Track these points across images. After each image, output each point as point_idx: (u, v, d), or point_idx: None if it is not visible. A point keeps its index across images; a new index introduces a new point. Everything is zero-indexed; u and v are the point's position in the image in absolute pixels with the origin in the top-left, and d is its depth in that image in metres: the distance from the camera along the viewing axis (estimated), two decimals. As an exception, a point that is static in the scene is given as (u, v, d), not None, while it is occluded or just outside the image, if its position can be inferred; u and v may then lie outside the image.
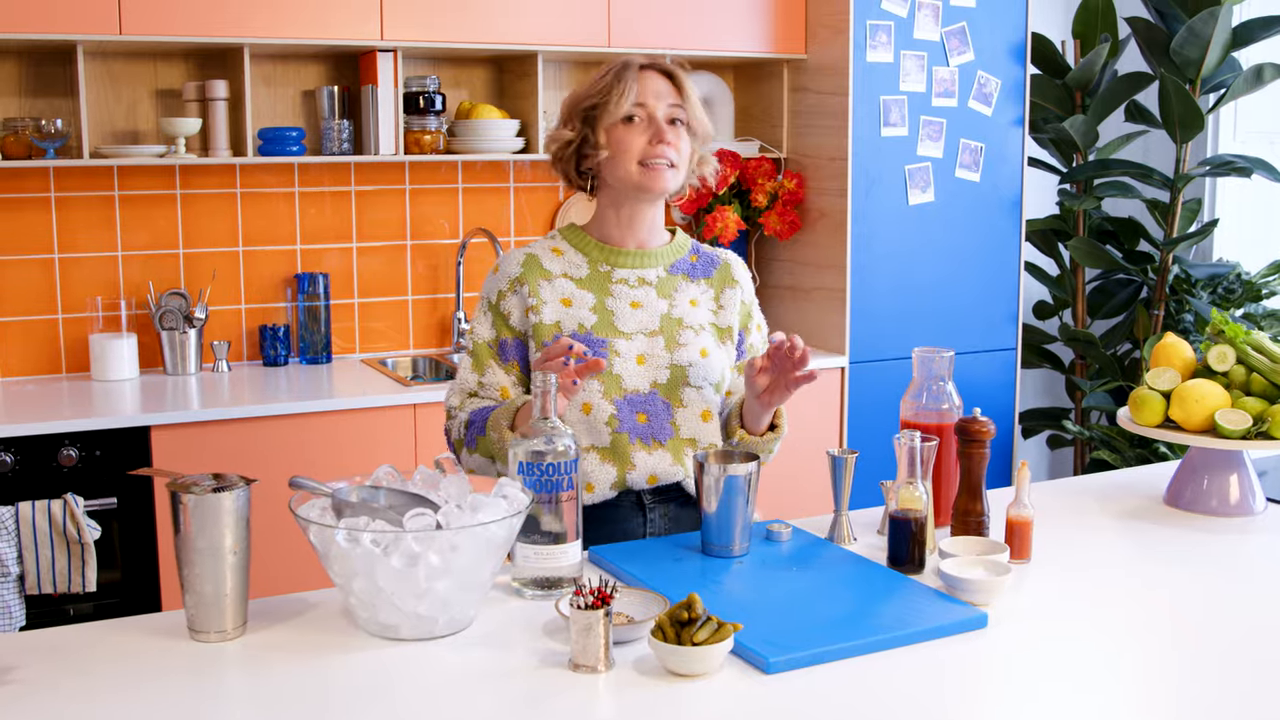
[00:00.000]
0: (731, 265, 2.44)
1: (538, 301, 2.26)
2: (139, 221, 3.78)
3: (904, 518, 2.01)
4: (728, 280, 2.41)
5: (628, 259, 2.33)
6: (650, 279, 2.33)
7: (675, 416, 2.27)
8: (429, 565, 1.66)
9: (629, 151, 2.25)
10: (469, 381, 2.30)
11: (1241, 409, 2.30)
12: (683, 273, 2.37)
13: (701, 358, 2.29)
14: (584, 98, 2.30)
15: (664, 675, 1.63)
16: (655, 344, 2.27)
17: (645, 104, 2.25)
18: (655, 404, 2.26)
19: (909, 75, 4.09)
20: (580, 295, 2.28)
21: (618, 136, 2.26)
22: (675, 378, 2.27)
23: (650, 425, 2.25)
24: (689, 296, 2.35)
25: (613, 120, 2.26)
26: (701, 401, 2.30)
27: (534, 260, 2.31)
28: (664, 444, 2.26)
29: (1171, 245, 4.51)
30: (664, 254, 2.36)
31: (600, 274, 2.31)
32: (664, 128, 2.25)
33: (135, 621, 1.81)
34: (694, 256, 2.41)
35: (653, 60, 2.31)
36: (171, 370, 3.75)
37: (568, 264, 2.32)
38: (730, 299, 2.39)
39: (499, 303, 2.30)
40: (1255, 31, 4.36)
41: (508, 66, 4.12)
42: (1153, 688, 1.64)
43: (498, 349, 2.29)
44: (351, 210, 4.04)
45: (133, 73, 3.71)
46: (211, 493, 1.70)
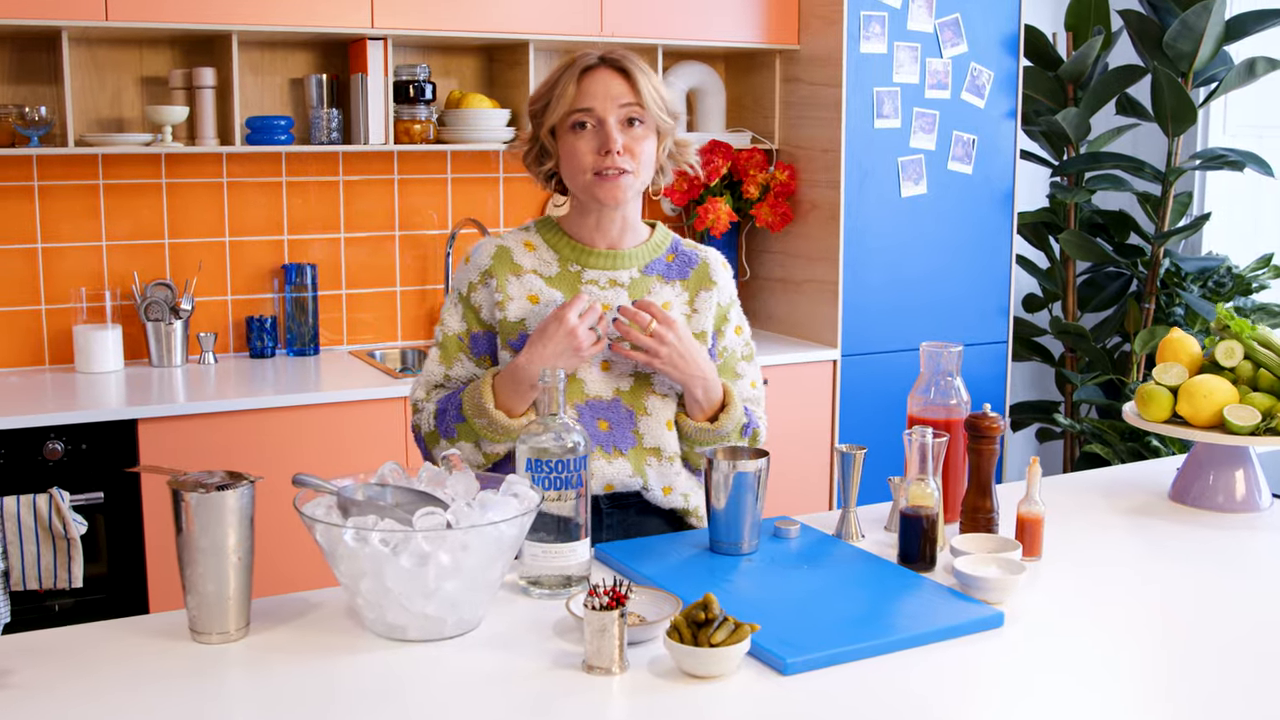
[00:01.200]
0: (710, 265, 2.32)
1: (504, 297, 2.19)
2: (124, 211, 3.73)
3: (915, 515, 1.98)
4: (704, 282, 2.30)
5: (599, 259, 2.24)
6: (622, 280, 2.24)
7: (638, 425, 2.20)
8: (439, 565, 1.62)
9: (578, 162, 2.15)
10: (435, 374, 2.23)
11: (1249, 404, 2.28)
12: (658, 274, 2.27)
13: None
14: (533, 99, 2.21)
15: (679, 677, 1.60)
16: (622, 348, 2.16)
17: (592, 108, 2.13)
18: (618, 411, 2.19)
19: (902, 67, 4.06)
20: (548, 293, 2.20)
21: (567, 144, 2.16)
22: (640, 385, 2.21)
23: (612, 433, 2.18)
24: (662, 299, 2.25)
25: (556, 125, 2.16)
26: (666, 410, 2.22)
27: (505, 253, 2.22)
28: (624, 453, 2.19)
29: (1163, 239, 4.50)
30: (638, 254, 2.26)
31: (570, 273, 2.22)
32: (613, 135, 2.12)
33: (135, 622, 1.77)
34: (671, 256, 2.30)
35: (605, 56, 2.17)
36: (157, 362, 3.70)
37: (538, 260, 2.23)
38: (705, 302, 2.28)
39: (469, 294, 2.22)
40: (1248, 25, 4.35)
41: (498, 55, 4.08)
42: (1174, 686, 1.62)
43: (469, 342, 2.22)
44: (339, 200, 3.99)
45: (118, 60, 3.65)
46: (215, 490, 1.65)
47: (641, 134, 2.16)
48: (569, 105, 2.13)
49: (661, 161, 2.24)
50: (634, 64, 2.16)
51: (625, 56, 2.16)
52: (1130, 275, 4.80)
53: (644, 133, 2.17)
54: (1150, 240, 4.61)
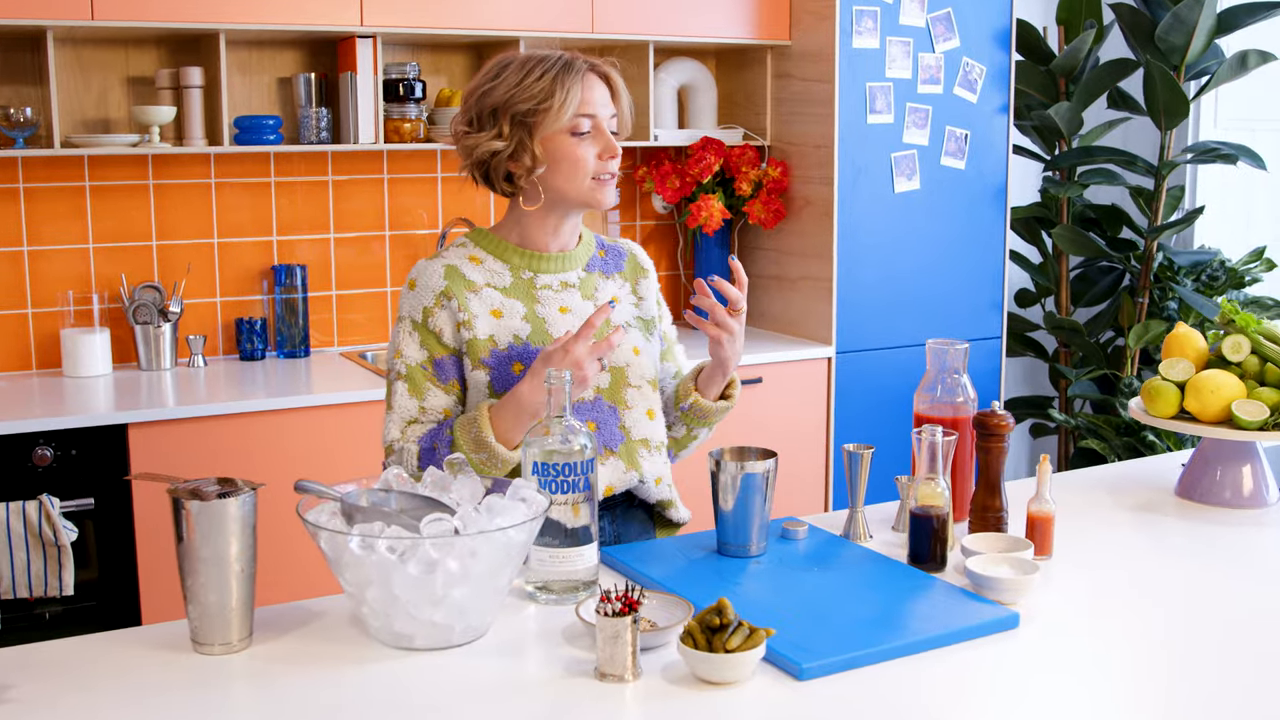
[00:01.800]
0: (637, 255, 2.35)
1: (469, 315, 2.11)
2: (111, 212, 3.68)
3: (925, 515, 1.96)
4: (639, 270, 2.32)
5: (549, 263, 2.20)
6: (572, 281, 2.21)
7: (623, 420, 2.17)
8: (447, 572, 1.59)
9: (579, 166, 2.10)
10: (408, 409, 2.11)
11: (1258, 399, 2.26)
12: (598, 270, 2.26)
13: (635, 355, 2.20)
14: (515, 100, 2.08)
15: (694, 683, 1.57)
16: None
17: (596, 114, 2.10)
18: (602, 410, 2.15)
19: (895, 62, 4.04)
20: (509, 305, 2.14)
21: (564, 149, 2.09)
22: (617, 380, 2.17)
23: (601, 434, 2.14)
24: (609, 294, 2.24)
25: (555, 130, 2.09)
26: (644, 401, 2.20)
27: (455, 271, 2.14)
28: (615, 451, 2.15)
29: (1157, 232, 4.49)
30: (580, 254, 2.25)
31: (523, 281, 2.17)
32: (613, 141, 2.12)
33: (136, 634, 1.73)
34: (601, 252, 2.30)
35: (591, 63, 2.14)
36: (146, 366, 3.65)
37: (489, 273, 2.16)
38: (646, 289, 2.32)
39: (426, 320, 2.12)
40: (1240, 17, 4.33)
41: (488, 53, 4.04)
42: (1196, 684, 1.59)
43: (434, 369, 2.12)
44: (329, 200, 3.95)
45: (103, 59, 3.61)
46: (217, 499, 1.62)
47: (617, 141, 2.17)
48: (576, 109, 2.08)
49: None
50: (615, 73, 2.17)
51: (607, 64, 2.16)
52: (1123, 269, 4.79)
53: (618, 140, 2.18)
54: (1143, 234, 4.60)
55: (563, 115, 2.08)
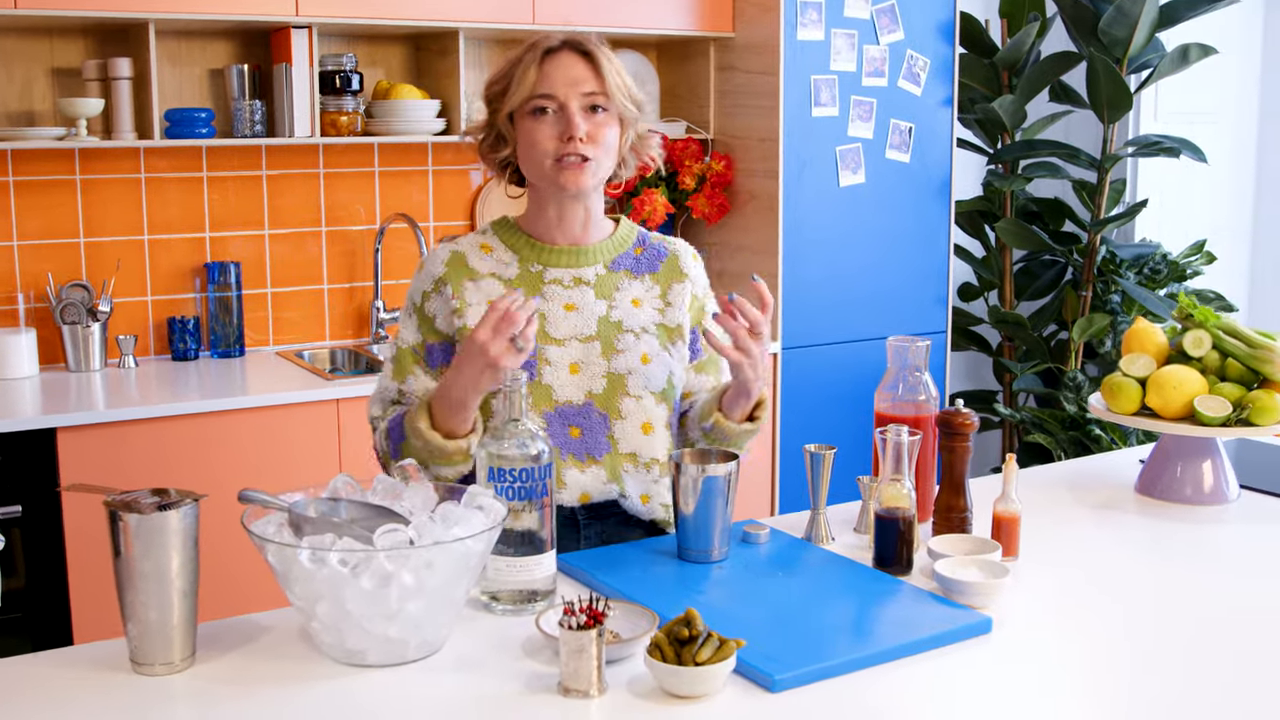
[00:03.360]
0: (680, 256, 2.21)
1: (461, 304, 2.05)
2: (36, 209, 3.55)
3: (891, 517, 1.91)
4: (675, 274, 2.18)
5: (561, 257, 2.11)
6: (587, 278, 2.11)
7: (613, 429, 2.07)
8: (402, 585, 1.51)
9: (538, 148, 2.03)
10: (389, 389, 2.09)
11: (1219, 395, 2.23)
12: (625, 269, 2.15)
13: (643, 364, 2.08)
14: (491, 82, 2.09)
15: (661, 697, 1.51)
16: (590, 350, 2.07)
17: (554, 93, 2.00)
18: (590, 416, 2.06)
19: (839, 54, 4.00)
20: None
21: (526, 130, 2.04)
22: (613, 387, 2.07)
23: (584, 440, 2.05)
24: (631, 296, 2.13)
25: (515, 110, 2.04)
26: (642, 413, 2.08)
27: (459, 258, 2.10)
28: (599, 459, 2.06)
29: (1100, 226, 4.49)
30: (603, 250, 2.14)
31: (531, 274, 2.10)
32: (575, 121, 1.99)
33: (70, 654, 1.64)
34: (639, 249, 2.18)
35: (569, 39, 2.05)
36: (75, 367, 3.53)
37: (496, 262, 2.11)
38: (679, 295, 2.16)
39: (423, 304, 2.09)
40: (1181, 11, 4.34)
41: (425, 44, 3.95)
42: (1169, 684, 1.56)
43: (424, 354, 2.08)
44: (263, 195, 3.84)
45: (26, 50, 3.47)
46: (156, 511, 1.53)
47: (604, 121, 2.04)
48: (530, 90, 2.02)
49: (624, 152, 2.12)
50: (598, 48, 2.04)
51: (589, 39, 2.05)
52: (1066, 263, 4.79)
53: (606, 120, 2.04)
54: (1086, 228, 4.59)
55: (517, 96, 2.03)
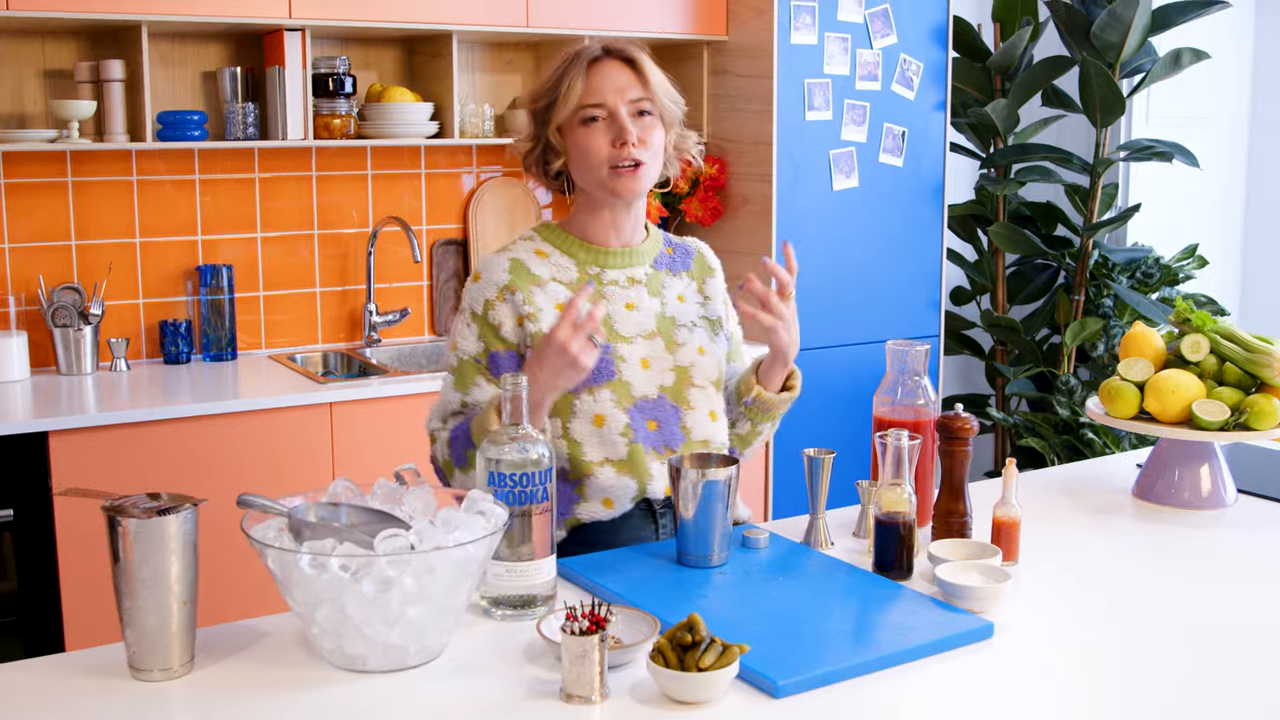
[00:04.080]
0: (705, 253, 2.32)
1: (534, 309, 2.07)
2: (27, 211, 3.53)
3: (891, 521, 1.90)
4: (706, 270, 2.28)
5: (615, 258, 2.16)
6: (639, 278, 2.18)
7: (685, 420, 2.13)
8: (403, 590, 1.50)
9: (592, 157, 2.07)
10: (452, 401, 2.10)
11: (1217, 399, 2.23)
12: (665, 268, 2.22)
13: (700, 355, 2.17)
14: (536, 96, 2.13)
15: (664, 703, 1.50)
16: (655, 346, 2.13)
17: (603, 102, 2.06)
18: (664, 409, 2.12)
19: (833, 58, 4.00)
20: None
21: (578, 140, 2.08)
22: (680, 379, 2.14)
23: (662, 432, 2.10)
24: (676, 292, 2.21)
25: (565, 121, 2.09)
26: (707, 402, 2.16)
27: (520, 265, 2.12)
28: (676, 450, 2.11)
29: (1093, 230, 4.49)
30: (647, 250, 2.21)
31: (590, 276, 2.15)
32: (627, 127, 2.05)
33: (68, 660, 1.62)
34: (669, 249, 2.26)
35: (609, 47, 2.10)
36: (66, 370, 3.51)
37: (554, 267, 2.14)
38: (714, 288, 2.28)
39: (486, 313, 2.09)
40: (1173, 15, 4.35)
41: (418, 47, 3.94)
42: (1174, 689, 1.55)
43: (488, 362, 2.08)
44: (255, 198, 3.82)
45: (18, 52, 3.46)
46: (156, 515, 1.52)
47: (652, 124, 2.09)
48: (578, 100, 2.06)
49: (668, 153, 2.17)
50: (639, 54, 2.10)
51: (629, 46, 2.10)
52: (1058, 267, 4.79)
53: (654, 123, 2.10)
54: (1079, 232, 4.60)
55: (566, 107, 2.07)
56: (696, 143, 2.24)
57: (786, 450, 4.04)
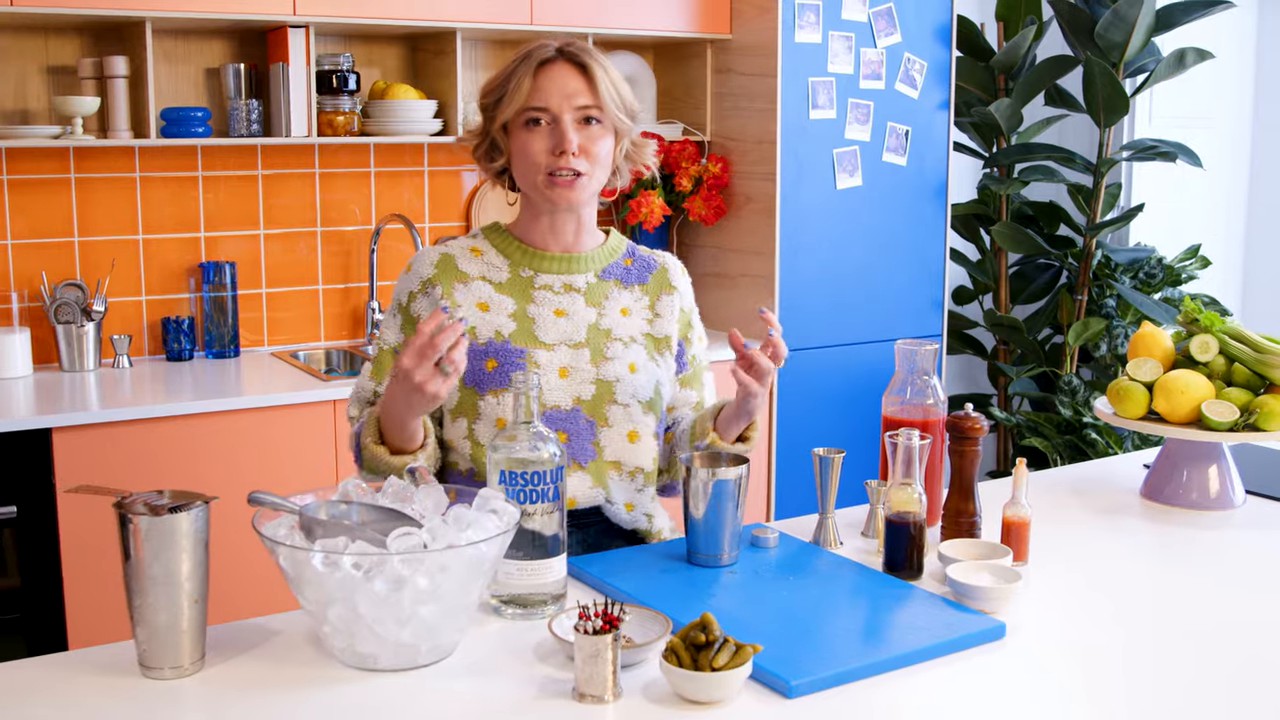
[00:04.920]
0: (669, 270, 2.22)
1: (451, 306, 2.05)
2: (30, 207, 3.52)
3: (902, 521, 1.90)
4: (664, 286, 2.20)
5: (552, 264, 2.11)
6: (578, 285, 2.11)
7: (599, 436, 2.06)
8: (416, 589, 1.50)
9: (530, 161, 2.02)
10: (365, 389, 2.07)
11: (1226, 399, 2.23)
12: (615, 279, 2.15)
13: (630, 373, 2.08)
14: (487, 90, 2.07)
15: (677, 702, 1.49)
16: (580, 356, 2.06)
17: (547, 106, 2.00)
18: (578, 422, 2.05)
19: (837, 56, 3.99)
20: (498, 300, 2.07)
21: (519, 141, 2.03)
22: (601, 394, 2.06)
23: (570, 445, 2.04)
24: (620, 305, 2.13)
25: (509, 120, 2.04)
26: (628, 421, 2.08)
27: (449, 260, 2.09)
28: (584, 466, 2.05)
29: (1096, 230, 4.49)
30: (595, 258, 2.14)
31: (521, 279, 2.09)
32: (568, 135, 1.99)
33: (79, 657, 1.62)
34: (628, 260, 2.19)
35: (563, 48, 2.04)
36: (68, 366, 3.50)
37: (486, 266, 2.10)
38: (667, 306, 2.18)
39: (409, 304, 2.08)
40: (1177, 15, 4.35)
41: (422, 45, 3.93)
42: (1187, 689, 1.55)
43: None
44: (258, 195, 3.82)
45: (21, 48, 3.45)
46: (167, 513, 1.51)
47: (598, 133, 2.03)
48: (523, 101, 2.01)
49: (618, 162, 2.11)
50: (593, 59, 2.03)
51: (584, 51, 2.03)
52: (1060, 267, 4.79)
53: (600, 132, 2.04)
54: (1082, 232, 4.60)
55: (511, 106, 2.02)
56: (654, 153, 2.18)
57: (789, 451, 4.03)
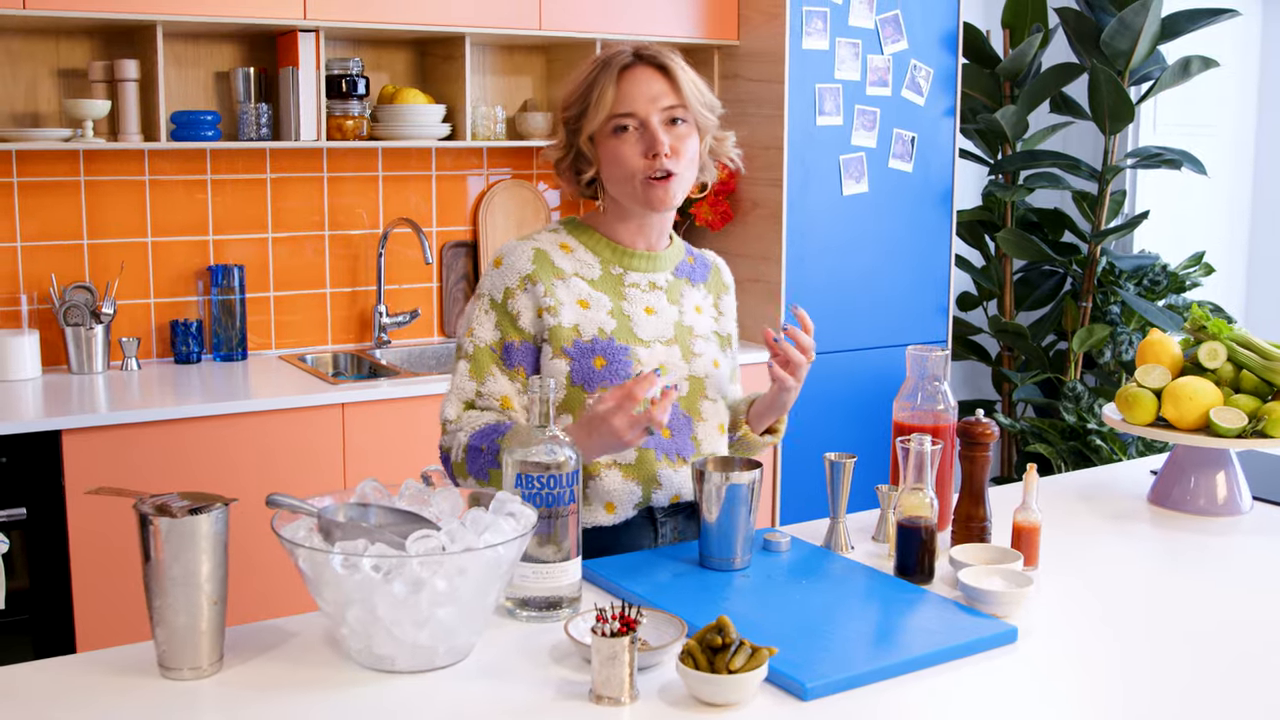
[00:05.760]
0: (721, 269, 2.28)
1: (555, 302, 2.03)
2: (40, 209, 3.53)
3: (913, 526, 1.91)
4: (722, 286, 2.26)
5: (639, 261, 2.13)
6: (661, 284, 2.14)
7: (696, 431, 2.11)
8: (434, 591, 1.51)
9: (624, 168, 2.02)
10: (466, 390, 2.06)
11: (1234, 406, 2.24)
12: (685, 277, 2.19)
13: (714, 368, 2.14)
14: (568, 103, 2.08)
15: (692, 705, 1.51)
16: (672, 353, 2.10)
17: (634, 111, 2.00)
18: (677, 418, 2.09)
19: (844, 63, 4.01)
20: (596, 297, 2.07)
21: (609, 150, 2.04)
22: (694, 390, 2.11)
23: (675, 441, 2.08)
24: (694, 303, 2.18)
25: (596, 130, 2.04)
26: (717, 415, 2.15)
27: (544, 256, 2.07)
28: (687, 460, 2.09)
29: (1101, 237, 4.50)
30: (671, 256, 2.17)
31: (612, 276, 2.10)
32: (659, 138, 2.00)
33: (98, 658, 1.63)
34: (690, 258, 2.23)
35: (639, 52, 2.04)
36: (77, 369, 3.51)
37: (578, 262, 2.10)
38: (728, 305, 2.26)
39: (505, 301, 2.05)
40: (1182, 23, 4.36)
41: (430, 49, 3.95)
42: (1199, 693, 1.56)
43: (502, 353, 2.05)
44: (267, 199, 3.83)
45: (32, 51, 3.46)
46: (187, 515, 1.52)
47: (685, 132, 2.05)
48: (609, 109, 2.01)
49: (704, 158, 2.12)
50: (672, 60, 2.04)
51: (660, 52, 2.04)
52: (1065, 273, 4.80)
53: (687, 131, 2.05)
54: (1086, 238, 4.61)
55: (597, 116, 2.02)
56: (734, 145, 2.19)
57: (794, 456, 4.04)
